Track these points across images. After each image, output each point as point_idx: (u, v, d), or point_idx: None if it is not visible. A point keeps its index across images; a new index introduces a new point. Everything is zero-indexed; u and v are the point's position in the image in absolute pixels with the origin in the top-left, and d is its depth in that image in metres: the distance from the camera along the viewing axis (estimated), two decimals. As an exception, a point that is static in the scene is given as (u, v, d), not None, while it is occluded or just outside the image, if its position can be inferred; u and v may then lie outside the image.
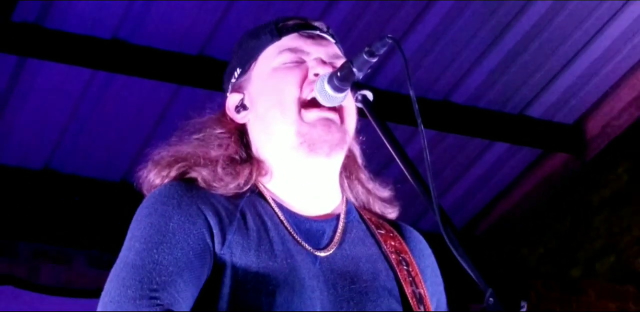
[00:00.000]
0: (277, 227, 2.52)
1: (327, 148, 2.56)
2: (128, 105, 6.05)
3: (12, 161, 6.37)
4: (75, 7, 5.57)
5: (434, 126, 6.13)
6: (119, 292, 2.29)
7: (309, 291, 2.45)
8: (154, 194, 2.50)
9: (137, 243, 2.39)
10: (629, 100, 6.16)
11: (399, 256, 2.66)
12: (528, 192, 6.74)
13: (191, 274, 2.37)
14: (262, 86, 2.64)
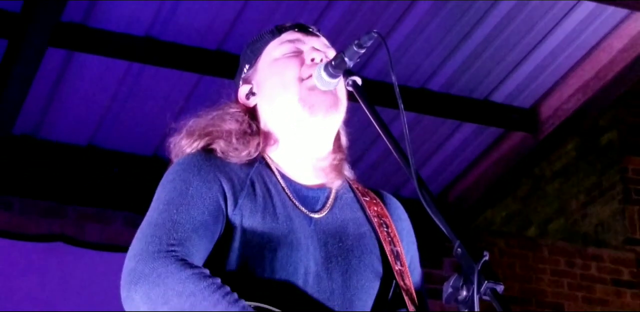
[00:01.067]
0: (279, 194, 2.53)
1: (324, 108, 2.58)
2: (158, 92, 6.05)
3: (63, 139, 6.38)
4: (114, 9, 5.57)
5: (413, 109, 6.14)
6: (142, 247, 2.31)
7: (304, 248, 2.48)
8: (178, 163, 2.52)
9: (160, 204, 2.41)
10: (577, 88, 6.17)
11: (380, 220, 2.68)
12: (492, 165, 6.71)
13: (206, 231, 2.38)
14: (267, 73, 2.66)
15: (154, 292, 2.21)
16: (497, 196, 7.06)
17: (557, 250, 8.14)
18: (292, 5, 5.53)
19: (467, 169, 6.87)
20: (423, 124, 6.42)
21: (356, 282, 2.50)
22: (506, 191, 7.21)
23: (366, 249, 2.56)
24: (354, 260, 2.52)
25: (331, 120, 2.61)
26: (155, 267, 2.24)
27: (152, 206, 2.41)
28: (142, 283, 2.22)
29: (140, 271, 2.24)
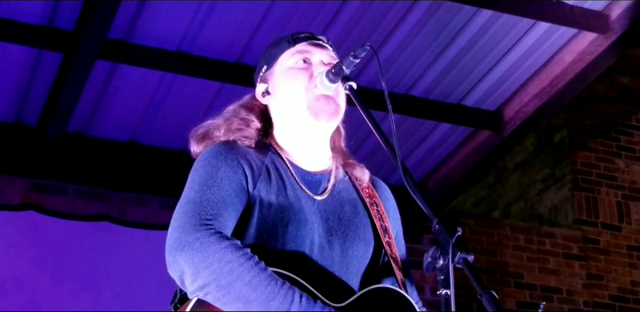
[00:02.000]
0: (289, 179, 2.56)
1: (327, 116, 2.60)
2: (187, 97, 6.04)
3: (108, 136, 6.39)
4: (151, 28, 5.56)
5: (398, 112, 6.12)
6: (183, 220, 2.33)
7: (310, 224, 2.51)
8: (207, 151, 2.55)
9: (195, 185, 2.43)
10: (534, 94, 6.18)
11: (371, 200, 2.70)
12: (463, 158, 6.70)
13: (233, 208, 2.41)
14: (282, 79, 2.67)
15: (197, 257, 2.24)
16: (467, 184, 7.07)
17: (517, 229, 8.14)
18: (301, 20, 5.53)
19: (443, 161, 6.86)
20: (406, 124, 6.43)
21: (352, 252, 2.55)
22: (475, 179, 7.22)
23: (360, 225, 2.61)
24: (350, 233, 2.56)
25: (332, 124, 2.64)
26: (198, 237, 2.26)
27: (187, 186, 2.45)
28: (187, 250, 2.25)
29: (185, 240, 2.27)
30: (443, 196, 6.98)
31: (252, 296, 2.21)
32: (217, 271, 2.23)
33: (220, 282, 2.22)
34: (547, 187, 8.84)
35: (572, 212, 8.51)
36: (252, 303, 2.22)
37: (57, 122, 5.94)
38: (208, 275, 2.23)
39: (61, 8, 5.42)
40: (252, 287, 2.21)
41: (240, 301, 2.22)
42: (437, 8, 5.62)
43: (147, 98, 6.07)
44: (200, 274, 2.23)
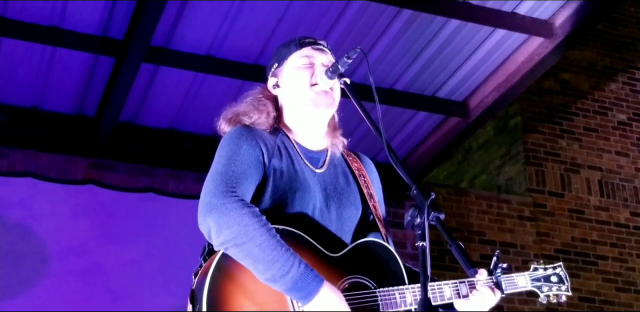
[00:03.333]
0: (295, 156, 2.58)
1: (325, 107, 2.62)
2: (215, 92, 6.04)
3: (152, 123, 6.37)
4: (185, 37, 5.54)
5: (384, 103, 6.11)
6: (214, 187, 2.35)
7: (312, 191, 2.53)
8: (231, 132, 2.55)
9: (222, 159, 2.43)
10: (493, 87, 6.19)
11: (359, 172, 2.72)
12: (437, 140, 6.69)
13: (252, 179, 2.43)
14: (290, 76, 2.68)
15: (222, 219, 2.25)
16: (440, 160, 7.05)
17: (480, 196, 8.14)
18: (307, 29, 5.49)
19: (421, 142, 6.83)
20: (391, 112, 6.39)
21: (345, 214, 2.58)
22: (446, 157, 7.21)
23: (351, 192, 2.64)
24: (344, 199, 2.59)
25: (329, 112, 2.66)
26: (224, 202, 2.28)
27: (215, 160, 2.45)
28: (215, 212, 2.27)
29: (214, 204, 2.28)
30: (421, 170, 6.97)
31: (260, 256, 2.23)
32: (235, 232, 2.24)
33: (237, 241, 2.24)
34: (504, 163, 8.84)
35: (524, 183, 8.51)
36: (259, 262, 2.23)
37: (111, 113, 5.92)
38: (228, 234, 2.24)
39: (113, 22, 5.41)
40: (261, 249, 2.23)
41: (250, 258, 2.24)
42: (415, 18, 5.60)
43: (182, 93, 6.04)
44: (222, 232, 2.25)
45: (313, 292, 2.23)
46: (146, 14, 5.06)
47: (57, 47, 5.53)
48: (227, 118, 2.64)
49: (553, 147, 8.80)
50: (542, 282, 2.66)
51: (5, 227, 5.86)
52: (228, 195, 2.29)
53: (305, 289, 2.23)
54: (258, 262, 2.22)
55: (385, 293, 2.40)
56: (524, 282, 2.64)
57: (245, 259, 2.24)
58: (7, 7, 5.22)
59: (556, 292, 2.65)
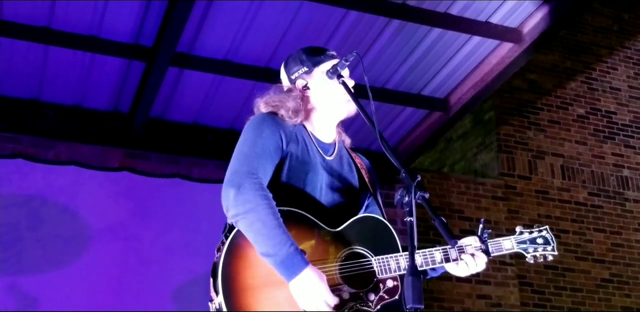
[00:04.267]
0: (310, 144, 2.58)
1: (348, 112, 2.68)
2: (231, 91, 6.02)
3: (178, 118, 6.35)
4: (205, 44, 5.54)
5: (377, 100, 6.10)
6: (238, 167, 2.35)
7: (320, 174, 2.53)
8: (255, 118, 2.54)
9: (247, 142, 2.43)
10: (471, 86, 6.20)
11: (360, 165, 2.72)
12: (422, 131, 6.68)
13: (272, 160, 2.43)
14: (325, 84, 2.63)
15: (239, 196, 2.27)
16: (425, 149, 7.05)
17: (459, 180, 8.15)
18: (310, 37, 5.46)
19: (408, 134, 6.82)
20: (383, 108, 6.37)
21: (347, 194, 2.58)
22: (430, 146, 7.19)
23: (352, 177, 2.65)
24: (346, 182, 2.60)
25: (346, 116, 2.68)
26: (244, 182, 2.30)
27: (241, 142, 2.45)
28: (234, 189, 2.29)
29: (236, 182, 2.30)
30: (408, 158, 6.97)
31: (261, 231, 2.24)
32: (246, 208, 2.26)
33: (246, 216, 2.26)
34: (480, 151, 8.84)
35: (497, 168, 8.52)
36: (259, 236, 2.24)
37: (143, 110, 5.93)
38: (241, 209, 2.26)
39: (144, 31, 5.40)
40: (264, 226, 2.24)
41: (252, 232, 2.26)
42: (403, 27, 5.59)
43: (203, 93, 6.03)
44: (237, 207, 2.27)
45: (297, 272, 2.21)
46: (172, 25, 5.06)
47: (96, 54, 5.53)
48: (266, 100, 2.60)
49: (522, 137, 8.80)
50: (528, 244, 2.60)
51: (51, 207, 5.89)
52: (249, 176, 2.30)
53: (290, 268, 2.22)
54: (258, 236, 2.24)
55: (382, 260, 2.39)
56: (509, 245, 2.59)
57: (248, 232, 2.26)
58: (52, 19, 5.22)
59: (542, 252, 2.60)
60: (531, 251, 2.60)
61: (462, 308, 7.50)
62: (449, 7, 5.50)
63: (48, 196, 5.90)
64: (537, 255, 2.60)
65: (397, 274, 2.39)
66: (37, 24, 5.27)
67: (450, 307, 7.46)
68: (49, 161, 6.01)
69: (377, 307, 2.34)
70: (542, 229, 2.65)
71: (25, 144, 6.01)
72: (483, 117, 8.89)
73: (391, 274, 2.38)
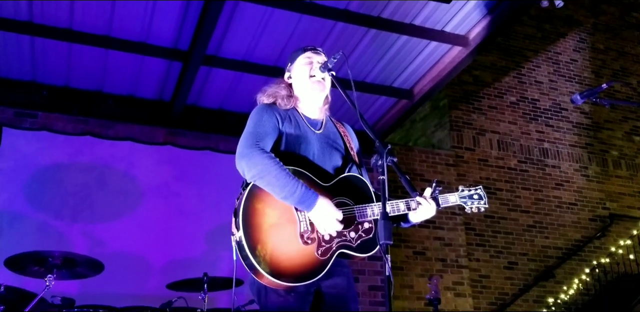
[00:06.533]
0: (301, 121, 2.54)
1: (318, 91, 2.58)
2: (248, 85, 5.96)
3: (208, 105, 6.28)
4: (228, 48, 5.48)
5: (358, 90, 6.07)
6: (245, 142, 2.34)
7: (312, 143, 2.50)
8: (257, 108, 2.53)
9: (250, 124, 2.42)
10: (430, 79, 6.16)
11: (344, 134, 2.67)
12: (392, 115, 6.65)
13: (271, 136, 2.40)
14: (297, 71, 2.63)
15: (251, 162, 2.27)
16: (395, 128, 7.01)
17: (421, 151, 8.15)
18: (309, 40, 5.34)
19: (381, 117, 6.77)
20: (363, 97, 6.32)
21: (334, 159, 2.55)
22: (398, 126, 7.17)
23: (339, 146, 2.60)
24: (333, 149, 2.56)
25: (322, 95, 2.60)
26: (251, 151, 2.29)
27: (248, 125, 2.43)
28: (245, 157, 2.28)
29: (245, 152, 2.30)
30: (383, 134, 6.96)
31: (277, 183, 2.25)
32: (259, 169, 2.26)
33: (261, 175, 2.26)
34: (437, 129, 8.84)
35: (449, 142, 8.53)
36: (276, 187, 2.25)
37: (181, 98, 5.90)
38: (255, 171, 2.26)
39: (181, 39, 5.36)
40: (277, 178, 2.25)
41: (270, 185, 2.26)
42: (378, 34, 5.55)
43: (227, 86, 5.99)
44: (251, 170, 2.26)
45: (313, 203, 2.26)
46: (202, 34, 5.02)
47: (145, 56, 5.50)
48: (265, 93, 2.60)
49: (468, 119, 8.80)
50: (467, 199, 2.60)
51: (113, 172, 5.90)
52: (254, 146, 2.30)
53: (307, 201, 2.26)
54: (275, 187, 2.25)
55: (360, 208, 2.41)
56: (454, 199, 2.59)
57: (267, 186, 2.27)
58: (111, 27, 5.18)
59: (477, 205, 2.60)
60: (469, 204, 2.61)
61: (422, 247, 7.56)
62: (414, 19, 5.45)
63: (110, 164, 5.91)
64: (473, 207, 2.61)
65: (372, 219, 2.42)
66: (98, 33, 5.23)
67: (413, 246, 7.53)
68: (110, 138, 6.00)
69: (357, 243, 2.36)
70: (477, 188, 2.65)
71: (92, 124, 5.99)
72: (439, 103, 8.88)
73: (367, 218, 2.41)
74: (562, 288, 8.27)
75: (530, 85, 9.45)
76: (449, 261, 7.60)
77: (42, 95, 5.83)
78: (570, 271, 8.46)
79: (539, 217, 8.61)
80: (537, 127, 9.21)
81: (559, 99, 9.52)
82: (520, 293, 8.02)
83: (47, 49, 5.36)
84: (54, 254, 3.74)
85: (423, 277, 7.28)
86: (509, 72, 9.38)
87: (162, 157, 6.12)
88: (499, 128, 8.95)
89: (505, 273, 8.10)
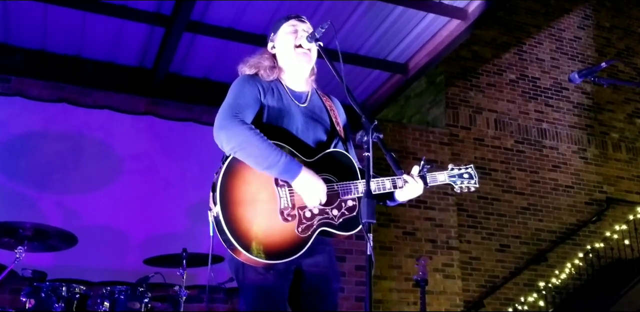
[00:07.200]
0: (285, 94, 2.52)
1: (305, 61, 2.55)
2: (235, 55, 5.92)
3: (192, 74, 6.23)
4: (213, 14, 5.36)
5: (350, 63, 6.06)
6: (223, 114, 2.33)
7: (296, 118, 2.48)
8: (239, 78, 2.51)
9: (230, 96, 2.40)
10: (426, 53, 6.12)
11: (330, 108, 2.64)
12: (385, 90, 6.61)
13: (252, 108, 2.39)
14: (281, 39, 2.60)
15: (229, 133, 2.25)
16: (388, 103, 6.98)
17: (415, 129, 8.17)
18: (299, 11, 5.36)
19: (375, 91, 6.74)
20: (356, 70, 6.28)
21: (319, 134, 2.54)
22: (392, 102, 7.16)
23: (324, 120, 2.58)
24: (318, 123, 2.54)
25: (308, 66, 2.57)
26: (230, 122, 2.27)
27: (227, 97, 2.41)
28: (224, 129, 2.27)
29: (223, 124, 2.28)
30: (375, 110, 6.93)
31: (258, 153, 2.24)
32: (239, 140, 2.25)
33: (241, 146, 2.25)
34: (432, 106, 8.85)
35: (445, 120, 8.55)
36: (258, 158, 2.25)
37: (163, 66, 5.85)
38: (234, 142, 2.25)
39: (164, 3, 5.29)
40: (258, 149, 2.24)
41: (251, 157, 2.25)
42: (372, 5, 5.51)
43: (212, 54, 5.94)
44: (231, 142, 2.25)
45: (296, 173, 2.27)
46: None
47: (126, 20, 5.42)
48: (245, 64, 2.58)
49: (465, 97, 8.81)
50: (457, 178, 2.59)
51: (90, 142, 5.87)
52: (233, 119, 2.28)
53: (290, 171, 2.26)
54: (257, 158, 2.24)
55: (344, 185, 2.40)
56: (442, 178, 2.57)
57: (248, 158, 2.25)
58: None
59: (467, 184, 2.58)
60: (459, 183, 2.59)
61: (413, 228, 7.63)
62: (410, -11, 5.44)
63: (86, 133, 5.87)
64: (462, 186, 2.59)
65: (356, 196, 2.41)
66: (77, -6, 5.17)
67: (403, 227, 7.59)
68: (87, 105, 5.96)
69: (339, 221, 2.36)
70: (468, 167, 2.63)
71: (68, 91, 5.94)
72: (435, 79, 8.87)
73: (351, 196, 2.41)
74: (553, 272, 8.40)
75: (531, 62, 9.44)
76: (440, 242, 7.68)
77: (16, 59, 5.76)
78: (563, 255, 8.58)
79: (534, 199, 8.69)
80: (537, 106, 9.23)
81: (560, 78, 9.53)
82: (511, 276, 8.15)
83: (21, 9, 5.28)
84: (25, 225, 3.73)
85: (412, 258, 7.36)
86: (509, 48, 9.35)
87: (142, 128, 6.09)
88: (497, 107, 8.96)
89: (497, 256, 8.20)
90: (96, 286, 4.97)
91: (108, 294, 3.87)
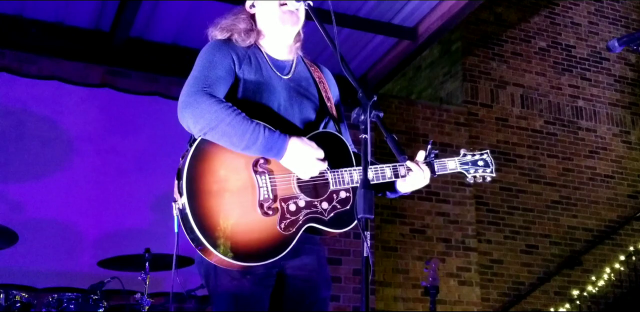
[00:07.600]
0: (265, 64, 2.49)
1: (291, 23, 2.52)
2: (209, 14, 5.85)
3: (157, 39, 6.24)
4: None
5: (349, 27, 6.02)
6: (188, 88, 2.31)
7: (277, 92, 2.45)
8: (209, 44, 2.48)
9: (198, 66, 2.37)
10: (439, 16, 6.09)
11: (320, 80, 2.62)
12: (392, 58, 6.61)
13: (224, 81, 2.36)
14: (261, 2, 2.57)
15: (195, 111, 2.23)
16: (394, 76, 6.98)
17: (425, 106, 8.18)
18: None
19: (378, 60, 6.72)
20: (355, 35, 6.25)
21: (305, 111, 2.51)
22: (399, 73, 7.13)
23: (311, 95, 2.56)
24: (305, 100, 2.52)
25: (294, 29, 2.54)
26: (195, 98, 2.26)
27: (194, 68, 2.38)
28: (189, 107, 2.25)
29: (188, 101, 2.26)
30: (378, 83, 6.93)
31: (232, 132, 2.22)
32: (208, 119, 2.23)
33: (211, 125, 2.23)
34: (446, 79, 8.85)
35: (461, 96, 8.55)
36: (233, 137, 2.23)
37: (123, 29, 5.81)
38: (203, 121, 2.23)
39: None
40: (232, 126, 2.22)
41: (225, 137, 2.23)
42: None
43: (183, 15, 5.90)
44: (198, 121, 2.23)
45: (282, 148, 2.26)
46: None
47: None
48: (218, 27, 2.54)
49: (485, 68, 8.80)
50: (470, 166, 2.58)
51: (35, 119, 5.84)
52: (198, 92, 2.25)
53: (275, 147, 2.25)
54: (232, 137, 2.21)
55: (336, 173, 2.38)
56: (453, 165, 2.56)
57: (221, 139, 2.23)
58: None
59: (482, 173, 2.58)
60: (472, 171, 2.58)
61: (422, 224, 7.65)
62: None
63: (32, 108, 5.84)
64: (477, 176, 2.58)
65: (350, 187, 2.39)
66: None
67: (411, 223, 7.61)
68: (32, 75, 5.93)
69: (330, 215, 2.34)
70: (483, 153, 2.62)
71: (9, 58, 5.90)
72: (450, 47, 8.84)
73: (344, 186, 2.37)
74: (590, 278, 8.45)
75: (565, 27, 9.42)
76: (454, 242, 7.71)
77: (-55, 18, 5.74)
78: (601, 257, 8.63)
79: (567, 191, 8.72)
80: (571, 80, 9.23)
81: (600, 47, 9.52)
82: (539, 283, 8.20)
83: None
84: (-46, 220, 3.72)
85: (421, 261, 7.39)
86: (539, 10, 9.32)
87: (97, 103, 6.05)
88: (524, 80, 8.96)
89: (522, 258, 8.25)
90: (41, 292, 4.97)
91: (55, 302, 3.87)
